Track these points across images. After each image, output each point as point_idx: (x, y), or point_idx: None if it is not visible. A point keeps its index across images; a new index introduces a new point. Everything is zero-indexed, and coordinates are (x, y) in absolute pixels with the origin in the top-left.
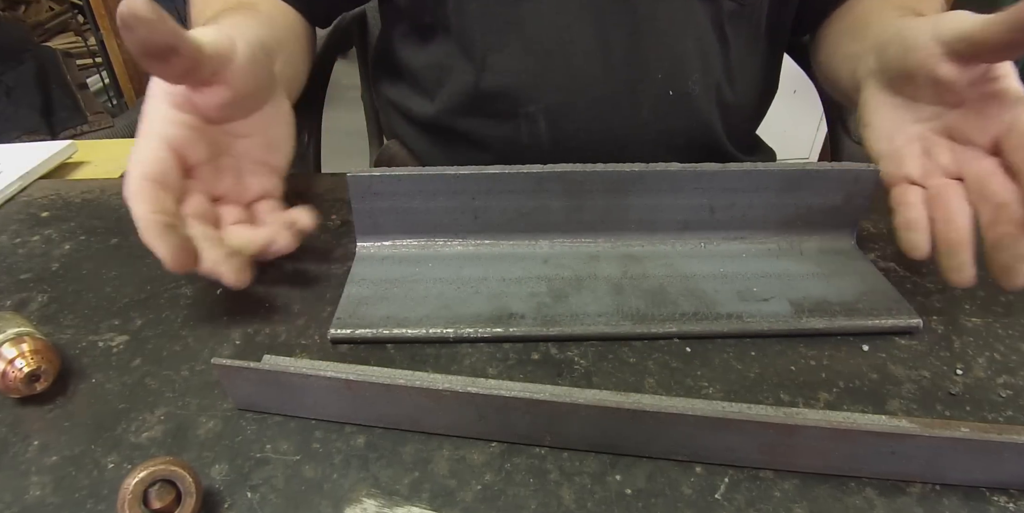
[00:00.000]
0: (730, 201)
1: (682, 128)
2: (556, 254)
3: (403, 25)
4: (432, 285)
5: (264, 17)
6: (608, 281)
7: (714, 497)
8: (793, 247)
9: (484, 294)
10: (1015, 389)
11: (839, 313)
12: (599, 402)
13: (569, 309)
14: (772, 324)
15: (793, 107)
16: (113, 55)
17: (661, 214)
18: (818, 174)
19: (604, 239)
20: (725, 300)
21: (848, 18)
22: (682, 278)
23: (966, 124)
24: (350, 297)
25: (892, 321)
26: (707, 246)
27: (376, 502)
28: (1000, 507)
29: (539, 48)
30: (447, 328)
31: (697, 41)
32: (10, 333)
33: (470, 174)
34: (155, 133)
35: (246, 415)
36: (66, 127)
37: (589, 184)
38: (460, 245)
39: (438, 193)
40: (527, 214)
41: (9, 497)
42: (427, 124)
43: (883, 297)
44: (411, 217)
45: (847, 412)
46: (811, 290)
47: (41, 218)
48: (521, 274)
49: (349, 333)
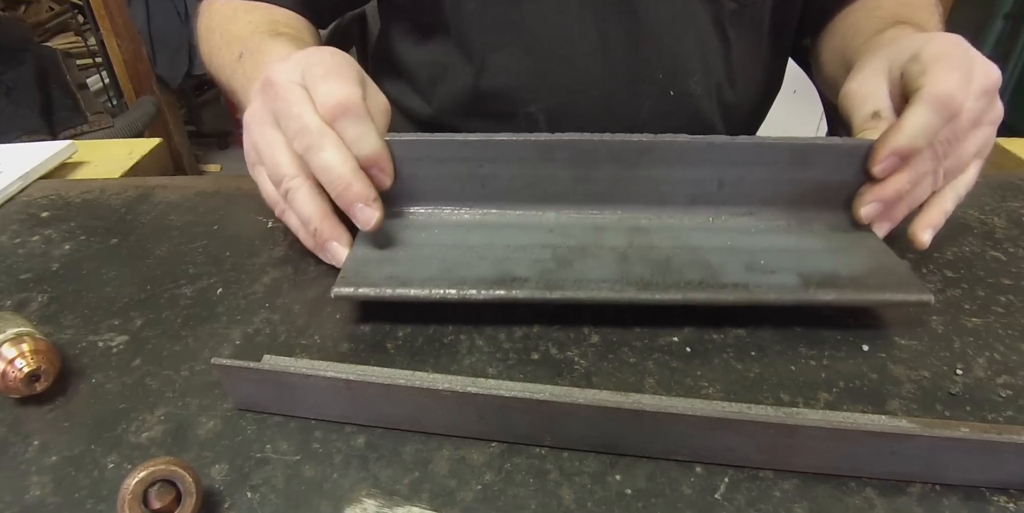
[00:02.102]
0: (739, 175)
1: (683, 128)
2: (562, 224)
3: (401, 23)
4: (437, 250)
5: (300, 40)
6: (614, 250)
7: (714, 497)
8: (803, 223)
9: (489, 259)
10: (1015, 389)
11: (848, 286)
12: (599, 402)
13: (573, 274)
14: (780, 295)
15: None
16: (113, 55)
17: (669, 187)
18: (829, 148)
19: (611, 211)
20: (732, 270)
21: (841, 29)
22: (689, 249)
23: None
24: (355, 258)
25: (902, 296)
26: (715, 221)
27: (376, 502)
28: (1000, 507)
29: (539, 48)
30: (450, 289)
31: (698, 41)
32: (10, 333)
33: (478, 140)
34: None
35: (246, 415)
36: (66, 127)
37: (596, 153)
38: (467, 213)
39: (445, 159)
40: (535, 183)
41: (9, 497)
42: (426, 123)
43: (894, 273)
44: (418, 184)
45: (847, 412)
46: (821, 264)
47: (41, 218)
48: (526, 242)
49: (352, 291)
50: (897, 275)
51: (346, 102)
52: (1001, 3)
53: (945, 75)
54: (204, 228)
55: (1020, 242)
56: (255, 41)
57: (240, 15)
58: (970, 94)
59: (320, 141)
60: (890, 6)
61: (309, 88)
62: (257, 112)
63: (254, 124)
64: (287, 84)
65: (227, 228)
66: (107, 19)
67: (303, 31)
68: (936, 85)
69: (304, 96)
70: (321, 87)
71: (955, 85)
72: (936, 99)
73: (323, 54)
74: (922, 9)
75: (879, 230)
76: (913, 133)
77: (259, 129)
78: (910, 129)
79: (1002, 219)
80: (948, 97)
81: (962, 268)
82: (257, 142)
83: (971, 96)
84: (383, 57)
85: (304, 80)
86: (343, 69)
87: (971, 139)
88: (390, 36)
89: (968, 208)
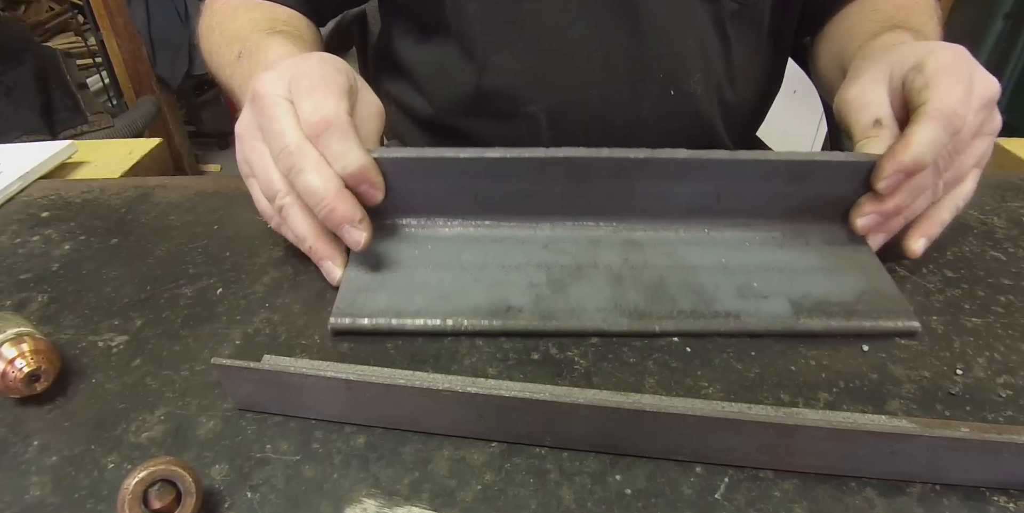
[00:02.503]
0: (737, 189)
1: (683, 128)
2: (557, 238)
3: (402, 23)
4: (431, 271)
5: (300, 38)
6: (608, 271)
7: (714, 497)
8: (798, 237)
9: (483, 283)
10: (1015, 389)
11: (837, 314)
12: (599, 402)
13: (567, 302)
14: (770, 324)
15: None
16: (113, 55)
17: (665, 200)
18: (827, 164)
19: (606, 223)
20: (724, 297)
21: (838, 32)
22: (682, 269)
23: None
24: (350, 283)
25: (890, 324)
26: (711, 233)
27: (376, 502)
28: (1000, 507)
29: (540, 48)
30: (446, 320)
31: (698, 41)
32: (10, 333)
33: (471, 158)
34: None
35: (246, 415)
36: (66, 127)
37: (593, 169)
38: (460, 226)
39: (439, 175)
40: (529, 197)
41: (9, 497)
42: (428, 123)
43: (883, 297)
44: (411, 198)
45: (847, 412)
46: (812, 287)
47: (41, 218)
48: (521, 260)
49: (349, 323)
50: (887, 299)
51: (329, 118)
52: (1001, 3)
53: (949, 89)
54: (204, 228)
55: (1020, 242)
56: (253, 40)
57: (240, 14)
58: (971, 107)
59: (301, 162)
60: (888, 9)
61: (295, 101)
62: (247, 125)
63: (245, 136)
64: (273, 98)
65: (227, 228)
66: (107, 19)
67: (302, 29)
68: (942, 100)
69: (288, 111)
70: (305, 103)
71: (959, 99)
72: (943, 115)
73: (310, 63)
74: (920, 12)
75: (874, 242)
76: (920, 150)
77: (250, 142)
78: (918, 146)
79: (1002, 219)
80: (953, 113)
81: (962, 268)
82: (248, 156)
83: (972, 109)
84: (384, 56)
85: (290, 92)
86: (329, 79)
87: (971, 151)
88: (390, 35)
89: (968, 208)
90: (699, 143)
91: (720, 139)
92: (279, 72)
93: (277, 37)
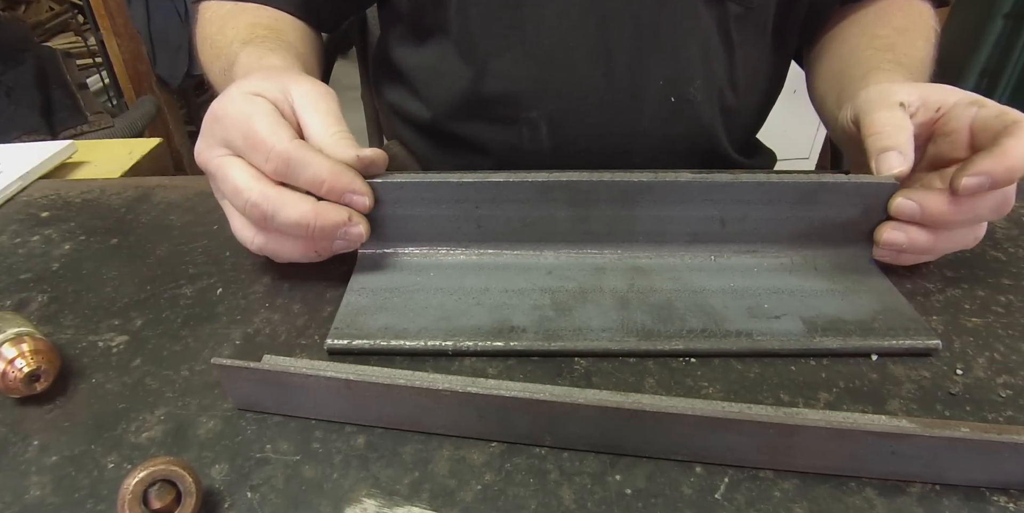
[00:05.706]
0: (742, 213)
1: (684, 134)
2: (561, 265)
3: (400, 28)
4: (433, 295)
5: (292, 47)
6: (613, 294)
7: (714, 497)
8: (807, 262)
9: (486, 305)
10: (1015, 389)
11: (854, 332)
12: (599, 402)
13: (572, 323)
14: (783, 343)
15: (793, 107)
16: (113, 55)
17: (670, 226)
18: (834, 187)
19: (610, 250)
20: (734, 316)
21: (838, 54)
22: (690, 293)
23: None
24: (349, 306)
25: (909, 342)
26: (717, 259)
27: (376, 502)
28: (1000, 507)
29: (541, 53)
30: (446, 341)
31: (701, 47)
32: (10, 333)
33: (474, 182)
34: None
35: (246, 415)
36: (66, 127)
37: (596, 194)
38: (463, 254)
39: (441, 201)
40: (532, 224)
41: (9, 497)
42: (426, 127)
43: (900, 316)
44: (413, 225)
45: (847, 412)
46: (824, 308)
47: (41, 218)
48: (524, 285)
49: (346, 344)
50: (904, 317)
51: (283, 155)
52: (1001, 3)
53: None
54: (204, 228)
55: (1020, 242)
56: (231, 53)
57: (228, 21)
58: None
59: (270, 209)
60: (887, 33)
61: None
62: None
63: (209, 166)
64: (217, 161)
65: (227, 228)
66: (107, 19)
67: (286, 31)
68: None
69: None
70: (255, 155)
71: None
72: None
73: (235, 107)
74: (920, 36)
75: (886, 254)
76: (1018, 162)
77: (215, 184)
78: (1017, 158)
79: (1002, 219)
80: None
81: (962, 268)
82: (218, 182)
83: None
84: (383, 62)
85: (231, 149)
86: (255, 116)
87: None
88: (390, 41)
89: None
90: (699, 148)
91: (720, 144)
92: (207, 126)
93: (247, 48)
